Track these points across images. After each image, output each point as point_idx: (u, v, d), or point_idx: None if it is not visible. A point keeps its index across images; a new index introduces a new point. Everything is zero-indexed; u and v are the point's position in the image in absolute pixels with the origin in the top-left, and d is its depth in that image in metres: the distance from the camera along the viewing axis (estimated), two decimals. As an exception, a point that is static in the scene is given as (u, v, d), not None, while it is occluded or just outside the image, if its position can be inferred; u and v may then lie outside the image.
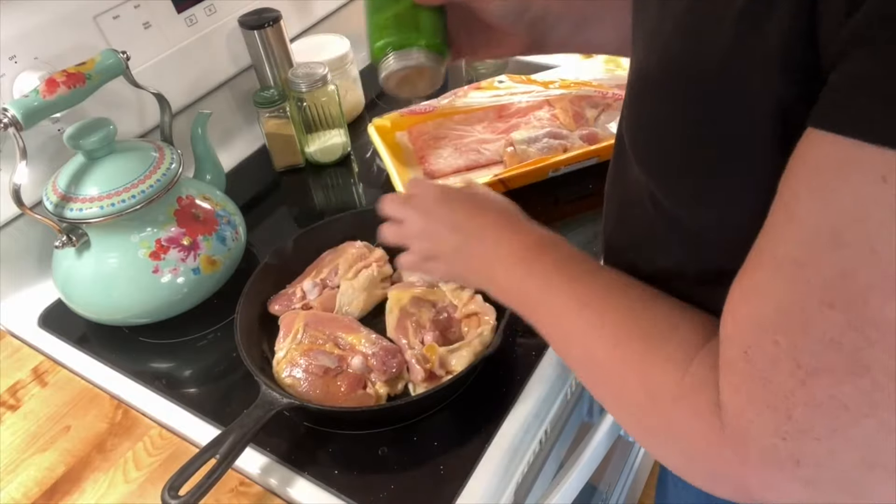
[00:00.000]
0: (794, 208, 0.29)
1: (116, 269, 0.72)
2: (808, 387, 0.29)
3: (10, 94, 0.76)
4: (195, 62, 0.96)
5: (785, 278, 0.30)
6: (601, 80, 1.00)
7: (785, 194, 0.30)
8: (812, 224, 0.28)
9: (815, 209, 0.28)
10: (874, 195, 0.26)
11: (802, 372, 0.29)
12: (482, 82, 1.01)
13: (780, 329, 0.30)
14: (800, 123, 0.29)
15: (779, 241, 0.30)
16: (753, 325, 0.31)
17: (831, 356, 0.28)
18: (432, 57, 0.57)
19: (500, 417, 0.63)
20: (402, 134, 0.98)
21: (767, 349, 0.30)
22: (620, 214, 0.52)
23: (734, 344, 0.33)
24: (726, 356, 0.34)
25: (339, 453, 0.62)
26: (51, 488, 0.63)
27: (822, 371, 0.29)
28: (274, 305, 0.74)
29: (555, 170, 0.86)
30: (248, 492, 0.62)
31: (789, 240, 0.29)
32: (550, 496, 0.68)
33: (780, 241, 0.30)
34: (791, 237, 0.29)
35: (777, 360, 0.30)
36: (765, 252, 0.31)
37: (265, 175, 0.99)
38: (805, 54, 0.29)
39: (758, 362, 0.31)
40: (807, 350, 0.29)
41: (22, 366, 0.76)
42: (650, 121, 0.41)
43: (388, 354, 0.65)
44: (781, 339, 0.30)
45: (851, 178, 0.26)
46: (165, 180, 0.72)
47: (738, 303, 0.33)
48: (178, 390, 0.70)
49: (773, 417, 0.30)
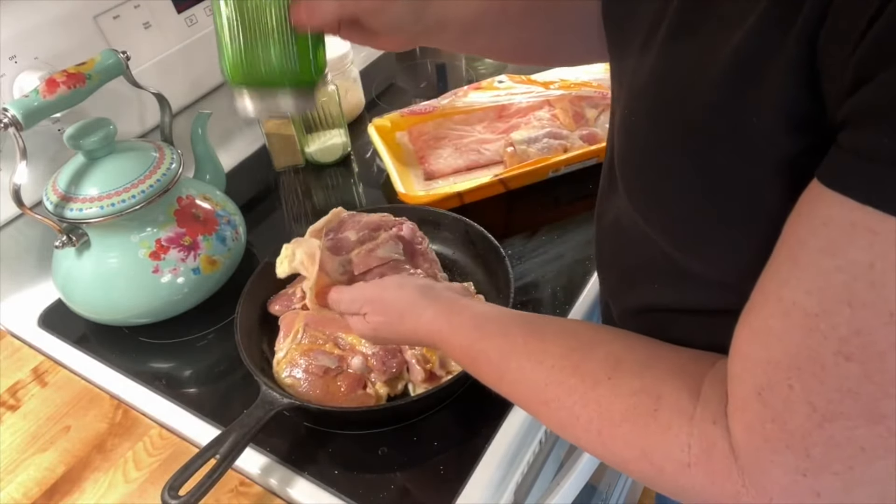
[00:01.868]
0: (800, 256, 0.29)
1: (116, 269, 0.72)
2: (825, 429, 0.29)
3: (10, 94, 0.76)
4: (195, 62, 0.96)
5: (796, 326, 0.30)
6: (601, 80, 1.00)
7: (790, 238, 0.30)
8: (822, 277, 0.28)
9: (826, 264, 0.28)
10: (892, 262, 0.26)
11: (818, 416, 0.29)
12: (482, 82, 1.01)
13: (794, 375, 0.30)
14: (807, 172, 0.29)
15: (784, 285, 0.30)
16: (765, 368, 0.31)
17: (848, 403, 0.29)
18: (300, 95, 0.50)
19: (500, 417, 0.62)
20: (402, 134, 0.98)
21: (781, 392, 0.30)
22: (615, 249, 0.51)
23: (745, 384, 0.33)
24: (738, 395, 0.33)
25: (339, 453, 0.62)
26: (51, 488, 0.63)
27: (838, 416, 0.29)
28: (274, 305, 0.74)
29: (555, 170, 0.86)
30: (248, 492, 0.62)
31: (797, 287, 0.29)
32: (550, 496, 0.68)
33: (785, 284, 0.30)
34: (799, 284, 0.29)
35: (792, 403, 0.30)
36: (770, 293, 0.31)
37: (265, 175, 0.99)
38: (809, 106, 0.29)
39: (772, 404, 0.31)
40: (823, 396, 0.29)
41: (22, 366, 0.76)
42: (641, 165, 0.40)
43: (388, 354, 0.65)
44: (796, 384, 0.30)
45: (865, 243, 0.27)
46: (165, 180, 0.72)
47: (748, 343, 0.33)
48: (178, 390, 0.70)
49: (792, 456, 0.31)
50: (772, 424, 0.31)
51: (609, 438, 0.39)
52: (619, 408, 0.38)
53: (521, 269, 0.77)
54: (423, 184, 0.90)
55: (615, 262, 0.52)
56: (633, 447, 0.38)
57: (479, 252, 0.75)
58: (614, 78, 0.48)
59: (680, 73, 0.36)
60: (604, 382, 0.40)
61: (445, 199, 0.83)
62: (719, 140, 0.33)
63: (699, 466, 0.35)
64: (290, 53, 0.48)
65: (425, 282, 0.54)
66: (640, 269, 0.47)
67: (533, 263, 0.78)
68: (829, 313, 0.28)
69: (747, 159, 0.33)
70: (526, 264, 0.78)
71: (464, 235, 0.77)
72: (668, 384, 0.38)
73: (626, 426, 0.38)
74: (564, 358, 0.42)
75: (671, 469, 0.36)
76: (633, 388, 0.39)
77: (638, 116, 0.39)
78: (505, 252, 0.71)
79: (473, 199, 0.85)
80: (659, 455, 0.37)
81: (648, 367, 0.39)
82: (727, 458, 0.34)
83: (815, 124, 0.29)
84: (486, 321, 0.47)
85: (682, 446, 0.36)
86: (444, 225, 0.77)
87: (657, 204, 0.40)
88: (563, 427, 0.42)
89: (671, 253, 0.41)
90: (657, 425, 0.37)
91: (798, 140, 0.30)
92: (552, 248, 0.80)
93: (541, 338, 0.44)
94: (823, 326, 0.28)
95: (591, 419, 0.40)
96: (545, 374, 0.42)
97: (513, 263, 0.70)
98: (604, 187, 0.53)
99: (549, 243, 0.81)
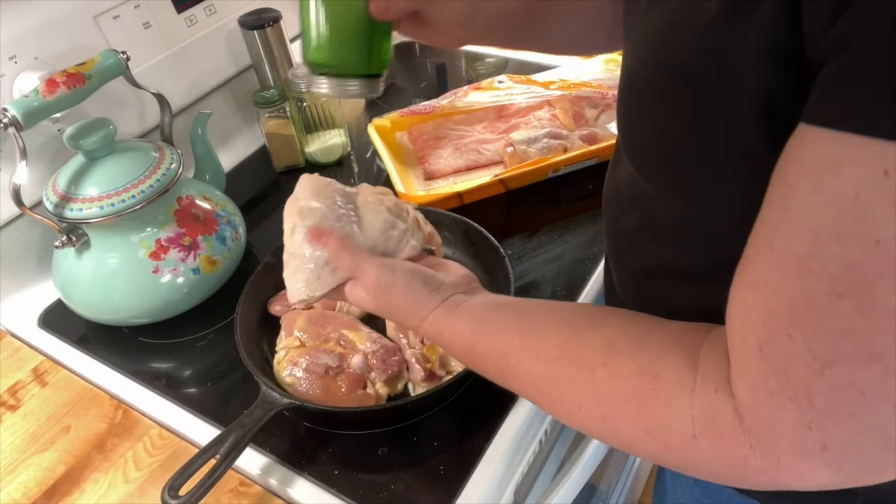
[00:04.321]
0: (790, 200, 0.29)
1: (116, 269, 0.72)
2: (826, 376, 0.29)
3: (10, 94, 0.76)
4: (195, 62, 0.96)
5: (791, 272, 0.30)
6: (601, 80, 1.00)
7: (778, 185, 0.30)
8: (811, 217, 0.28)
9: (814, 203, 0.28)
10: (876, 189, 0.26)
11: (818, 363, 0.29)
12: (482, 82, 1.01)
13: (792, 323, 0.30)
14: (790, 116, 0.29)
15: (776, 232, 0.30)
16: (764, 321, 0.31)
17: (844, 345, 0.29)
18: (369, 84, 0.54)
19: (500, 417, 0.63)
20: (402, 134, 0.98)
21: (782, 343, 0.31)
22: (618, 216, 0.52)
23: (746, 341, 0.33)
24: (739, 354, 0.33)
25: (339, 453, 0.62)
26: (51, 488, 0.63)
27: (837, 360, 0.29)
28: (274, 306, 0.74)
29: (555, 170, 0.86)
30: (248, 492, 0.62)
31: (788, 231, 0.30)
32: (550, 496, 0.68)
33: (777, 231, 0.30)
34: (789, 228, 0.29)
35: (793, 353, 0.30)
36: (762, 244, 0.32)
37: (265, 175, 0.99)
38: (791, 42, 0.29)
39: (773, 357, 0.31)
40: (821, 341, 0.29)
41: (22, 366, 0.76)
42: (640, 122, 0.41)
43: (388, 353, 0.65)
44: (795, 332, 0.30)
45: (850, 173, 0.27)
46: (165, 180, 0.72)
47: (745, 298, 0.33)
48: (178, 390, 0.70)
49: (796, 408, 0.31)
50: (774, 379, 0.31)
51: (612, 422, 0.39)
52: (618, 392, 0.39)
53: (521, 269, 0.77)
54: (423, 184, 0.90)
55: (617, 228, 0.53)
56: (636, 428, 0.38)
57: (479, 252, 0.75)
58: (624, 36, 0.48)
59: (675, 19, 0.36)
60: (600, 369, 0.40)
61: (445, 199, 0.83)
62: (707, 80, 0.34)
63: (705, 436, 0.35)
64: (363, 49, 0.53)
65: (433, 275, 0.53)
66: (639, 231, 0.48)
67: (533, 263, 0.78)
68: (820, 253, 0.28)
69: (731, 97, 0.33)
70: (526, 264, 0.78)
71: (464, 235, 0.77)
72: (665, 361, 0.38)
73: (628, 409, 0.38)
74: (560, 349, 0.43)
75: (677, 443, 0.36)
76: (630, 370, 0.39)
77: (639, 65, 0.40)
78: (505, 252, 0.71)
79: (473, 199, 0.85)
80: (663, 431, 0.37)
81: (643, 347, 0.40)
82: (732, 423, 0.34)
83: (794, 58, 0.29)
84: (483, 321, 0.48)
85: (686, 419, 0.36)
86: (444, 225, 0.77)
87: (652, 152, 0.41)
88: (567, 416, 0.43)
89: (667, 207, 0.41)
90: (658, 403, 0.37)
91: (778, 73, 0.31)
92: (552, 248, 0.80)
93: (535, 332, 0.45)
94: (816, 267, 0.28)
95: (592, 406, 0.40)
96: (543, 367, 0.43)
97: (513, 263, 0.70)
98: (612, 162, 0.54)
99: (549, 243, 0.81)
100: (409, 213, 0.62)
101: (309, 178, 0.61)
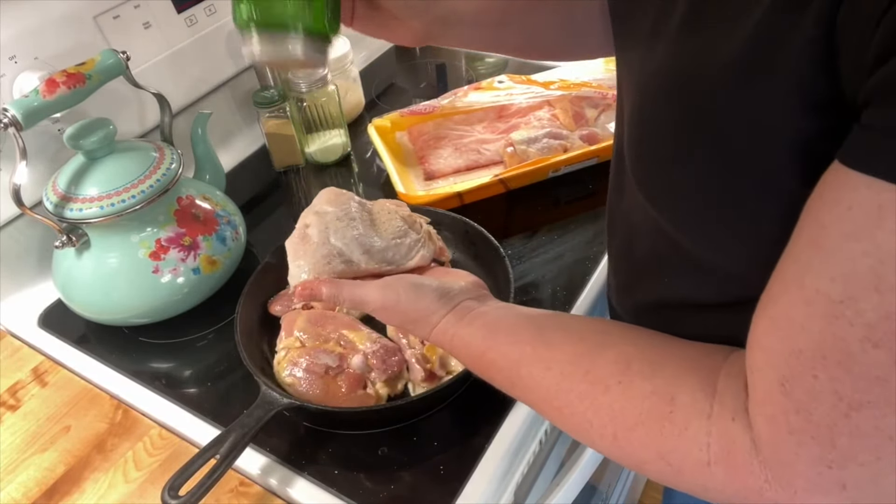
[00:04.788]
0: (823, 241, 0.29)
1: (116, 269, 0.72)
2: (852, 419, 0.29)
3: (10, 94, 0.76)
4: (195, 62, 0.96)
5: (820, 314, 0.29)
6: (601, 80, 1.00)
7: (811, 224, 0.30)
8: (847, 263, 0.28)
9: (851, 250, 0.27)
10: None
11: (844, 405, 0.29)
12: (482, 82, 1.01)
13: (819, 364, 0.29)
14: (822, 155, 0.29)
15: (806, 272, 0.30)
16: (788, 358, 0.31)
17: (876, 392, 0.28)
18: (312, 45, 0.46)
19: (500, 417, 0.62)
20: (402, 134, 0.98)
21: (805, 382, 0.30)
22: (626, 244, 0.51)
23: (767, 376, 0.32)
24: (759, 387, 0.33)
25: (339, 453, 0.62)
26: (51, 488, 0.63)
27: (865, 405, 0.29)
28: (275, 306, 0.74)
29: (555, 170, 0.86)
30: (248, 492, 0.62)
31: (820, 273, 0.29)
32: (550, 496, 0.68)
33: (807, 272, 0.29)
34: (821, 271, 0.29)
35: (817, 393, 0.30)
36: (790, 281, 0.31)
37: (265, 175, 0.99)
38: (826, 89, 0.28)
39: (796, 395, 0.31)
40: (849, 385, 0.29)
41: (22, 366, 0.76)
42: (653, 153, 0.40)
43: (388, 353, 0.65)
44: (820, 373, 0.29)
45: (891, 224, 0.26)
46: (165, 180, 0.72)
47: (767, 334, 0.33)
48: (178, 390, 0.70)
49: (818, 448, 0.30)
50: (796, 416, 0.31)
51: (624, 442, 0.39)
52: (632, 412, 0.38)
53: (521, 269, 0.77)
54: (423, 184, 0.90)
55: (626, 257, 0.52)
56: (649, 449, 0.37)
57: (479, 252, 0.75)
58: (621, 68, 0.47)
59: (694, 60, 0.35)
60: (614, 387, 0.39)
61: (445, 199, 0.83)
62: (734, 125, 0.33)
63: (720, 465, 0.34)
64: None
65: (441, 284, 0.53)
66: (651, 263, 0.47)
67: (533, 263, 0.78)
68: (855, 299, 0.28)
69: (762, 144, 0.32)
70: (526, 264, 0.78)
71: (464, 235, 0.77)
72: (682, 384, 0.37)
73: (641, 430, 0.38)
74: (573, 364, 0.42)
75: (690, 469, 0.36)
76: (645, 391, 0.38)
77: (650, 105, 0.39)
78: (505, 252, 0.71)
79: (473, 199, 0.85)
80: (677, 456, 0.36)
81: (660, 368, 0.39)
82: (748, 453, 0.33)
83: (831, 104, 0.29)
84: (495, 330, 0.47)
85: (701, 446, 0.35)
86: (444, 225, 0.77)
87: (669, 192, 0.40)
88: (578, 432, 0.42)
89: (682, 244, 0.40)
90: (673, 427, 0.36)
91: (814, 121, 0.30)
92: (552, 248, 0.80)
93: (548, 344, 0.44)
94: (849, 313, 0.28)
95: (604, 424, 0.39)
96: (555, 381, 0.42)
97: (513, 263, 0.70)
98: (613, 184, 0.53)
99: (549, 243, 0.81)
100: (422, 226, 0.63)
101: (327, 189, 0.62)
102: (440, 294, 0.51)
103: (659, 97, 0.38)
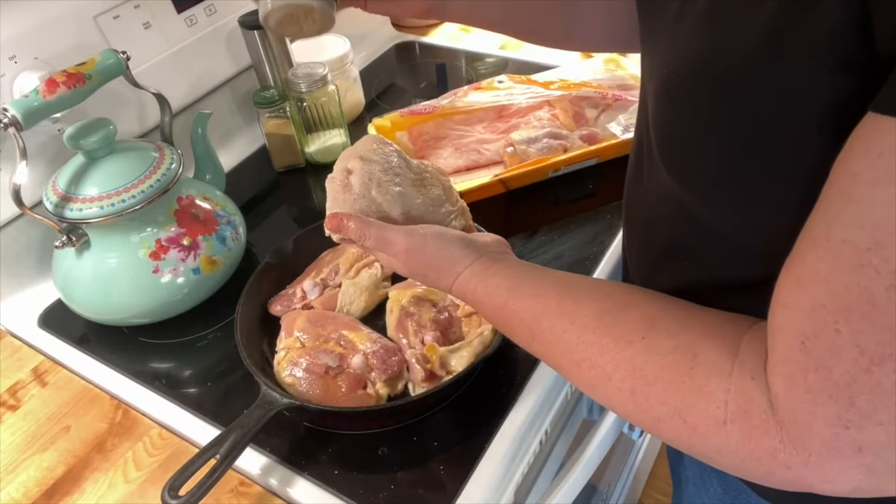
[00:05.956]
0: (853, 190, 0.28)
1: (116, 269, 0.72)
2: (873, 374, 0.28)
3: (10, 94, 0.76)
4: (195, 62, 0.96)
5: (846, 264, 0.28)
6: (601, 80, 1.00)
7: (841, 175, 0.29)
8: (877, 209, 0.27)
9: (882, 194, 0.27)
10: None
11: (866, 360, 0.28)
12: (482, 82, 1.01)
13: (842, 317, 0.29)
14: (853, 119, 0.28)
15: (833, 224, 0.29)
16: (810, 314, 0.30)
17: None
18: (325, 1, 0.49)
19: (500, 417, 0.63)
20: (402, 134, 0.97)
21: (827, 337, 0.30)
22: (646, 231, 0.51)
23: (787, 335, 0.32)
24: (779, 347, 0.32)
25: (339, 453, 0.62)
26: (51, 488, 0.63)
27: (888, 358, 0.28)
28: (275, 306, 0.74)
29: (555, 170, 0.86)
30: (248, 492, 0.62)
31: (848, 222, 0.28)
32: (550, 496, 0.68)
33: (835, 223, 0.29)
34: (850, 219, 0.28)
35: (838, 349, 0.29)
36: (818, 235, 0.30)
37: (265, 175, 0.99)
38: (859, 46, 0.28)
39: (816, 352, 0.30)
40: (873, 337, 0.28)
41: (22, 366, 0.76)
42: (682, 128, 0.40)
43: (388, 353, 0.65)
44: (843, 327, 0.29)
45: None
46: (165, 180, 0.72)
47: (791, 291, 0.32)
48: (178, 390, 0.70)
49: (835, 406, 0.30)
50: (815, 374, 0.30)
51: (642, 397, 0.38)
52: (652, 367, 0.38)
53: (521, 269, 0.77)
54: (423, 184, 0.90)
55: (646, 244, 0.51)
56: (666, 405, 0.37)
57: (479, 252, 0.75)
58: (645, 59, 0.47)
59: (723, 32, 0.35)
60: (637, 342, 0.39)
61: (445, 199, 0.82)
62: (762, 90, 0.33)
63: (735, 423, 0.34)
64: None
65: (466, 235, 0.53)
66: (672, 247, 0.47)
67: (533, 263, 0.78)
68: (882, 245, 0.27)
69: (790, 109, 0.32)
70: (526, 264, 0.78)
71: (464, 235, 0.76)
72: (705, 343, 0.37)
73: (660, 384, 0.37)
74: (597, 318, 0.42)
75: (705, 427, 0.35)
76: (668, 347, 0.38)
77: (679, 83, 0.39)
78: (505, 252, 0.71)
79: (473, 199, 0.85)
80: (694, 412, 0.36)
81: (684, 328, 0.39)
82: (765, 413, 0.33)
83: (863, 64, 0.28)
84: (520, 282, 0.47)
85: (719, 403, 0.35)
86: (444, 225, 0.77)
87: (697, 168, 0.39)
88: (595, 387, 0.42)
89: (706, 221, 0.40)
90: (693, 383, 0.36)
91: (844, 82, 0.29)
92: (552, 248, 0.80)
93: (574, 298, 0.44)
94: (876, 261, 0.27)
95: (623, 378, 0.39)
96: (577, 334, 0.42)
97: (513, 263, 0.70)
98: (631, 175, 0.53)
99: (549, 243, 0.81)
100: (458, 201, 0.63)
101: (372, 136, 0.61)
102: (466, 243, 0.51)
103: (689, 73, 0.38)
